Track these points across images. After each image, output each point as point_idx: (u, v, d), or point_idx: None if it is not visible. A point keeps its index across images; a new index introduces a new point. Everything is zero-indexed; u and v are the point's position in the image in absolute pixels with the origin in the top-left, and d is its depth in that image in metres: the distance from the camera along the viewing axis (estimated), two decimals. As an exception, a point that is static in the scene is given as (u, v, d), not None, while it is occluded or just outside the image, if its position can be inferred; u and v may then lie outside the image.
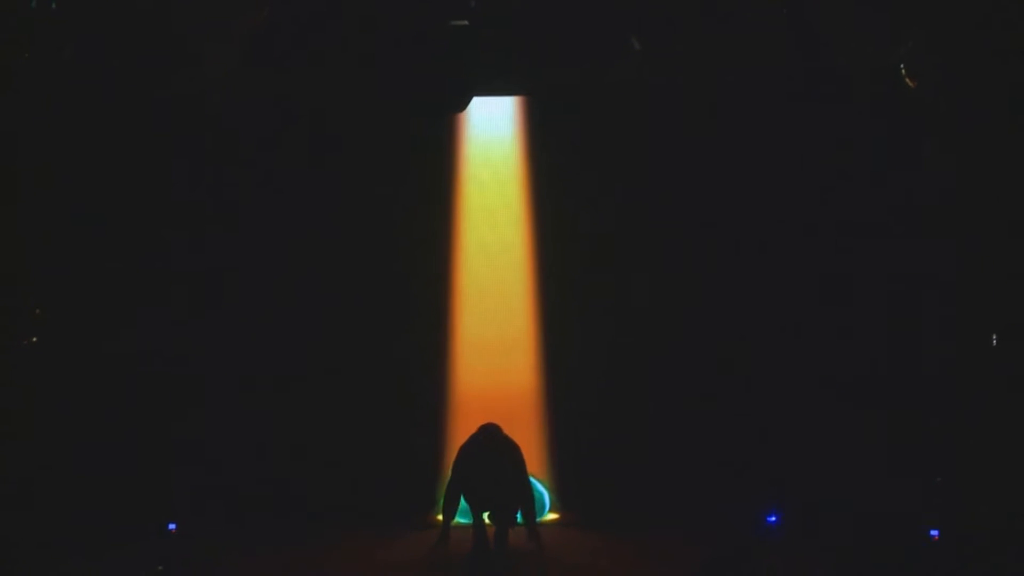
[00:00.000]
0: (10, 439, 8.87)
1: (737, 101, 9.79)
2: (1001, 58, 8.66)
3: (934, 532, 8.64)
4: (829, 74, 9.38)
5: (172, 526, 9.59)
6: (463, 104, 9.54)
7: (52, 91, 9.11)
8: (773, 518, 9.57)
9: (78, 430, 9.44)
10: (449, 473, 9.12)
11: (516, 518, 8.97)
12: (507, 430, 9.17)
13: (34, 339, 9.15)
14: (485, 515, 8.91)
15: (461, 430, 9.63)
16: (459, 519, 9.38)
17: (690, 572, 6.83)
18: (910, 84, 8.93)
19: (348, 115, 10.02)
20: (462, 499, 9.01)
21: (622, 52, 9.21)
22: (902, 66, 8.95)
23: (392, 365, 10.15)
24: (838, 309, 9.70)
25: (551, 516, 10.12)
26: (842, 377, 9.61)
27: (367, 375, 10.13)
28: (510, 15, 9.05)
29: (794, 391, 9.78)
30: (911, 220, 9.41)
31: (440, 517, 9.54)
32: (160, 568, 8.20)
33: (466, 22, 8.99)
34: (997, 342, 9.03)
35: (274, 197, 10.03)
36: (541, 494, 10.03)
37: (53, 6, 8.65)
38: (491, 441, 8.97)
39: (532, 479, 9.38)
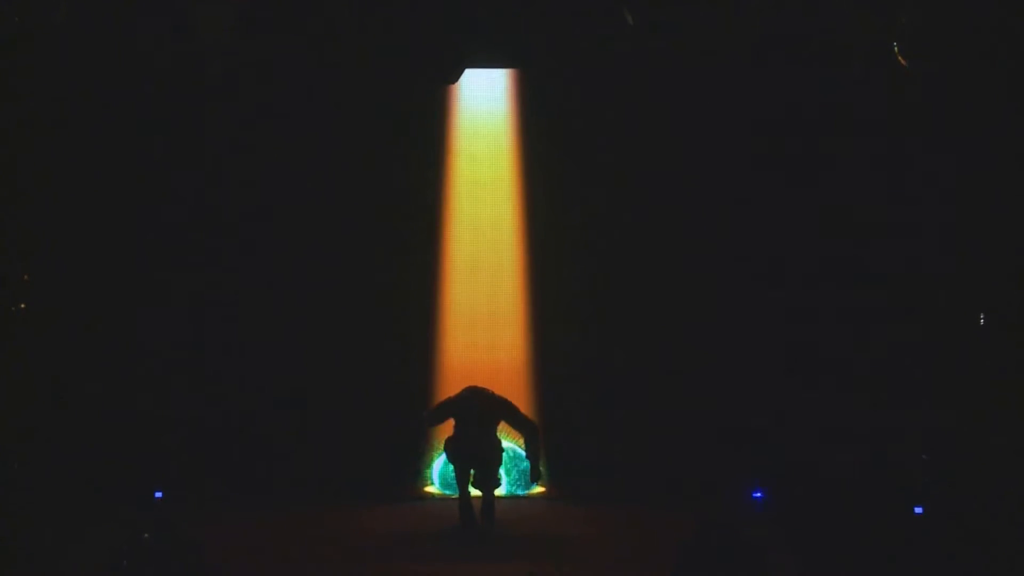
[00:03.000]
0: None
1: (734, 75, 9.76)
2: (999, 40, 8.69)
3: (918, 509, 8.68)
4: (828, 48, 9.38)
5: (158, 494, 9.59)
6: (455, 76, 9.51)
7: (44, 63, 9.09)
8: (758, 494, 9.60)
9: (65, 399, 9.44)
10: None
11: (501, 480, 9.00)
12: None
13: (22, 305, 9.12)
14: (470, 483, 8.94)
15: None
16: (445, 491, 9.41)
17: (679, 543, 6.85)
18: (903, 63, 8.91)
19: (338, 86, 9.98)
20: (449, 470, 9.05)
21: (616, 26, 9.18)
22: (896, 45, 8.93)
23: (380, 338, 10.14)
24: (832, 287, 9.71)
25: (539, 489, 10.11)
26: (833, 354, 9.64)
27: (355, 348, 10.11)
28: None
29: (785, 368, 9.79)
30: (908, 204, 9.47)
31: (428, 488, 9.61)
32: (146, 536, 8.16)
33: None
34: (984, 323, 9.09)
35: (261, 169, 9.98)
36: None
37: None
38: (477, 394, 9.05)
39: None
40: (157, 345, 9.82)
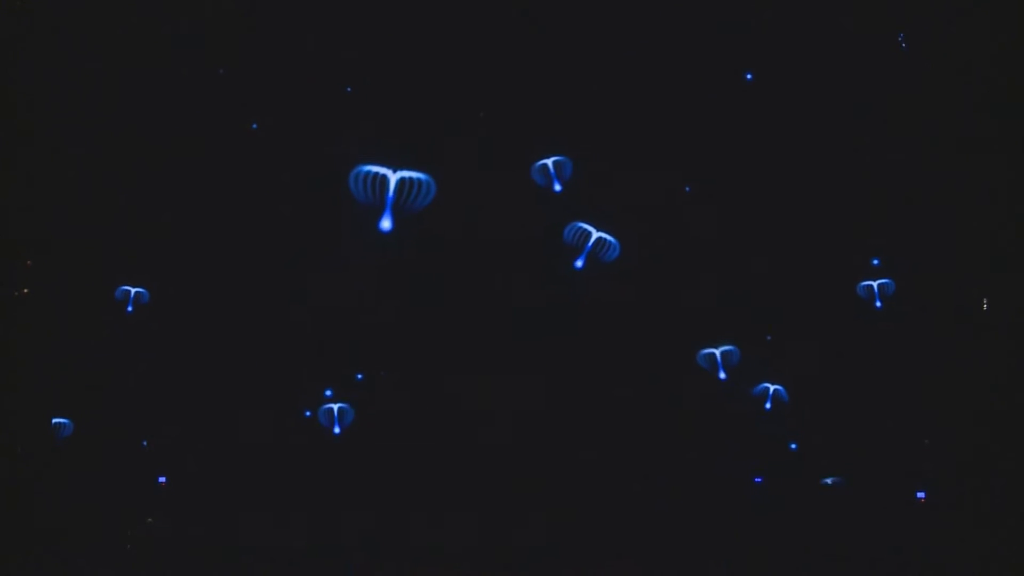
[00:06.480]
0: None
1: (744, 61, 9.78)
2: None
3: (921, 494, 8.71)
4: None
5: (162, 479, 9.63)
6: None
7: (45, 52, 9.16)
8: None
9: (68, 386, 9.51)
10: None
11: None
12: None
13: (25, 291, 9.17)
14: None
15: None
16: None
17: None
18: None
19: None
20: None
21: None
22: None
23: (388, 330, 10.18)
24: (836, 284, 9.74)
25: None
26: (838, 340, 9.67)
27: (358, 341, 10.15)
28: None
29: (787, 352, 9.81)
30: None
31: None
32: (149, 520, 8.22)
33: None
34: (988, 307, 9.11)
35: (260, 168, 9.99)
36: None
37: None
38: None
39: None
40: (160, 335, 9.85)
